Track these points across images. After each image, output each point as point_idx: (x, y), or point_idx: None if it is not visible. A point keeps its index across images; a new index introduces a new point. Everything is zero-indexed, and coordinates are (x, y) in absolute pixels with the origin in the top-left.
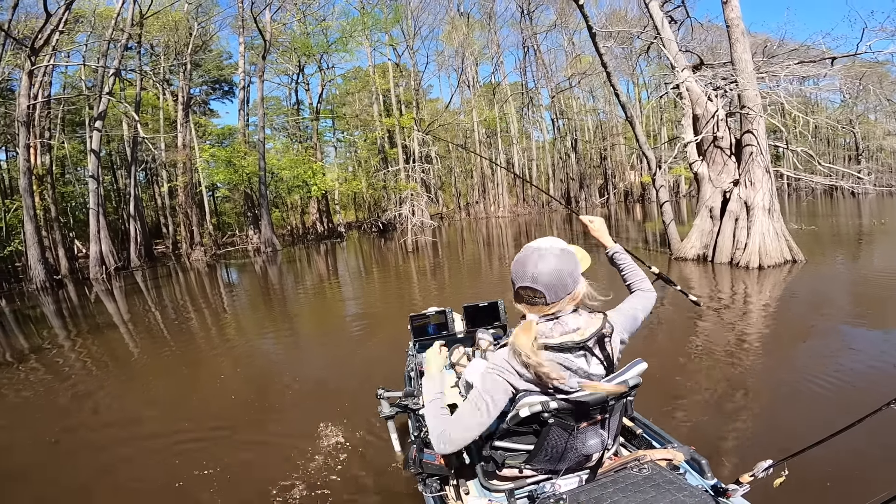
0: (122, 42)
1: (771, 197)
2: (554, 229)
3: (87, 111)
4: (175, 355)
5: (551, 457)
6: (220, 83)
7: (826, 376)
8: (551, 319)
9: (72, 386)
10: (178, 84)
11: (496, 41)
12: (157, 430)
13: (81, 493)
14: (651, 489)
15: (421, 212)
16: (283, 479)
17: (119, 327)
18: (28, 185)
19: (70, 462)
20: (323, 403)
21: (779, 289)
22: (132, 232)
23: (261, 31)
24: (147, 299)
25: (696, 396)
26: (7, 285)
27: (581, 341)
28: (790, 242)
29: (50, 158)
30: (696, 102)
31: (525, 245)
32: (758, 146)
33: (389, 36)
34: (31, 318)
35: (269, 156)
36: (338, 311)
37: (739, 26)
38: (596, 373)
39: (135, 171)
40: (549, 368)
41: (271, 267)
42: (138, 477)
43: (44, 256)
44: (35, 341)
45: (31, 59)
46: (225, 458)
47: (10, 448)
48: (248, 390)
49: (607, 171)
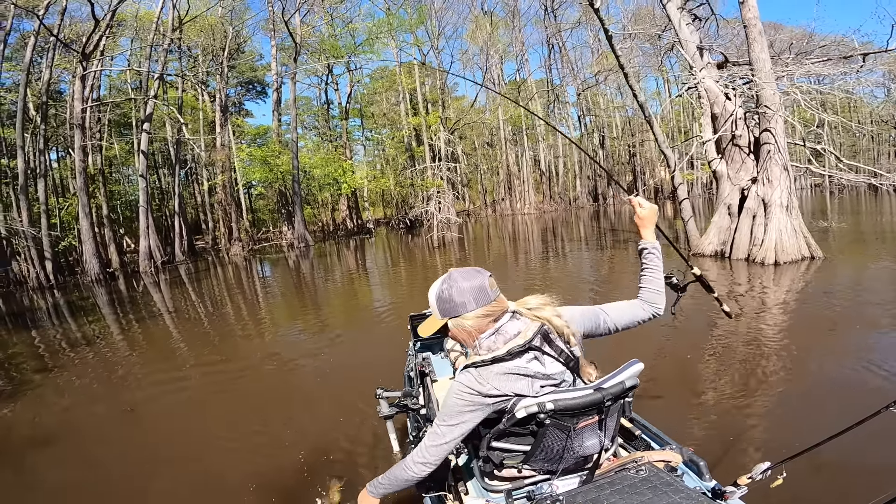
0: (163, 46)
1: (789, 194)
2: (581, 227)
3: (134, 113)
4: (227, 338)
5: (549, 457)
6: (253, 84)
7: (829, 377)
8: (493, 333)
9: (148, 361)
10: (215, 86)
11: (520, 39)
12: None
13: (156, 446)
14: (648, 491)
15: (447, 208)
16: (278, 477)
17: (173, 314)
18: (84, 184)
19: (144, 424)
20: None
21: (794, 284)
22: (176, 228)
23: (291, 34)
24: (196, 290)
25: (697, 397)
26: (63, 278)
27: (525, 343)
28: (808, 239)
29: (101, 159)
30: (715, 101)
31: (441, 281)
32: (775, 144)
33: (415, 36)
34: (97, 307)
35: (301, 154)
36: (366, 301)
37: (757, 26)
38: (553, 371)
39: (178, 170)
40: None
41: (304, 261)
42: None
43: (98, 251)
44: (107, 326)
45: (82, 64)
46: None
47: (91, 416)
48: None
49: (636, 168)
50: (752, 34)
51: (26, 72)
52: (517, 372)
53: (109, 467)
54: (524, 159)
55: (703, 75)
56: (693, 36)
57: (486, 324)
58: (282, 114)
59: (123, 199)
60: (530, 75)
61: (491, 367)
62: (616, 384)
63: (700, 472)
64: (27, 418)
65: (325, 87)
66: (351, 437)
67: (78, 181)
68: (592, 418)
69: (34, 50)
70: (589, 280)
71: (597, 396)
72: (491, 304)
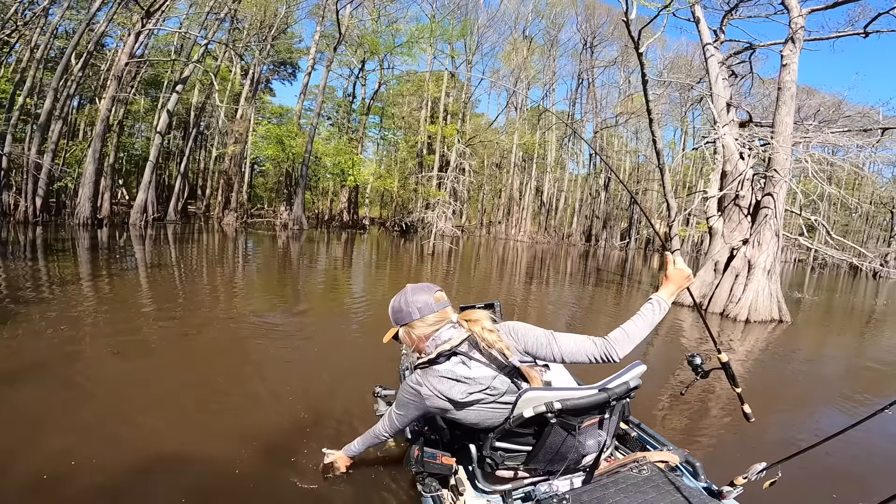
0: (220, 15)
1: (774, 260)
2: (569, 262)
3: (168, 74)
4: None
5: (549, 457)
6: (285, 64)
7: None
8: (432, 340)
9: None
10: (250, 60)
11: (553, 69)
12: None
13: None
14: (651, 490)
15: (446, 219)
16: (271, 475)
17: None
18: (102, 131)
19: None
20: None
21: (757, 342)
22: (176, 188)
23: (338, 23)
24: (190, 249)
25: (688, 403)
26: (49, 216)
27: (451, 348)
28: (781, 304)
29: (123, 111)
30: (728, 159)
31: (397, 296)
32: (773, 209)
33: (452, 47)
34: (72, 249)
35: (315, 141)
36: (344, 293)
37: (791, 90)
38: (479, 375)
39: (195, 134)
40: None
41: (294, 243)
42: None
43: (94, 196)
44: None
45: (143, 20)
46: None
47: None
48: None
49: (634, 216)
50: (783, 97)
51: (87, 22)
52: (449, 376)
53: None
54: (528, 187)
55: (724, 131)
56: (725, 91)
57: (431, 332)
58: (306, 98)
59: (129, 152)
60: (553, 105)
61: (430, 369)
62: (621, 384)
63: (696, 473)
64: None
65: (354, 81)
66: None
67: (97, 127)
68: (595, 418)
69: (102, 2)
70: (566, 312)
71: (602, 396)
72: (434, 314)
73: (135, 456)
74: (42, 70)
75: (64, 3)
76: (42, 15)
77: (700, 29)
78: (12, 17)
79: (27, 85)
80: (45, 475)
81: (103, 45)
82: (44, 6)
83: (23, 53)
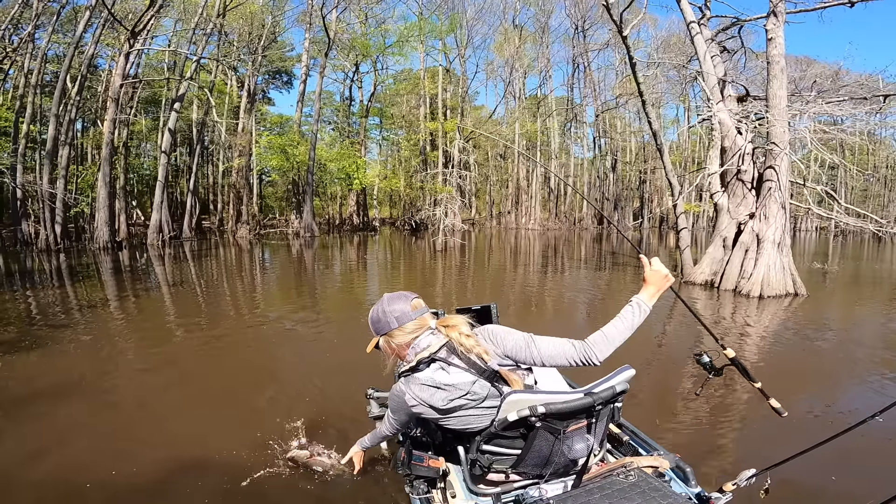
0: (206, 31)
1: (783, 232)
2: (582, 247)
3: (165, 92)
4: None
5: (538, 461)
6: (279, 73)
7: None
8: (411, 348)
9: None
10: (245, 72)
11: (547, 55)
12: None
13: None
14: (637, 496)
15: (454, 214)
16: (264, 473)
17: (179, 287)
18: (108, 154)
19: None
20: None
21: (773, 317)
22: (188, 206)
23: (326, 29)
24: (209, 265)
25: (683, 405)
26: (70, 242)
27: (429, 355)
28: (794, 276)
29: (126, 133)
30: (726, 135)
31: (377, 304)
32: (777, 182)
33: (443, 43)
34: (112, 272)
35: (318, 147)
36: (360, 294)
37: (780, 63)
38: (458, 381)
39: (199, 150)
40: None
41: (307, 250)
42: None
43: (110, 220)
44: (122, 291)
45: (129, 41)
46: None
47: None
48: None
49: (644, 195)
50: (773, 70)
51: (75, 45)
52: (429, 384)
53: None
54: (534, 175)
55: (718, 108)
56: (719, 68)
57: (410, 340)
58: (304, 105)
59: (139, 173)
60: (552, 92)
61: (412, 377)
62: (607, 388)
63: (686, 479)
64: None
65: (349, 84)
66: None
67: (103, 151)
68: (582, 422)
69: (85, 22)
70: (582, 298)
71: (587, 401)
72: (412, 321)
73: (162, 459)
74: (40, 95)
75: (49, 28)
76: (28, 40)
77: (682, 7)
78: (3, 45)
79: (28, 111)
80: (83, 476)
81: (95, 66)
82: (28, 31)
83: (18, 80)
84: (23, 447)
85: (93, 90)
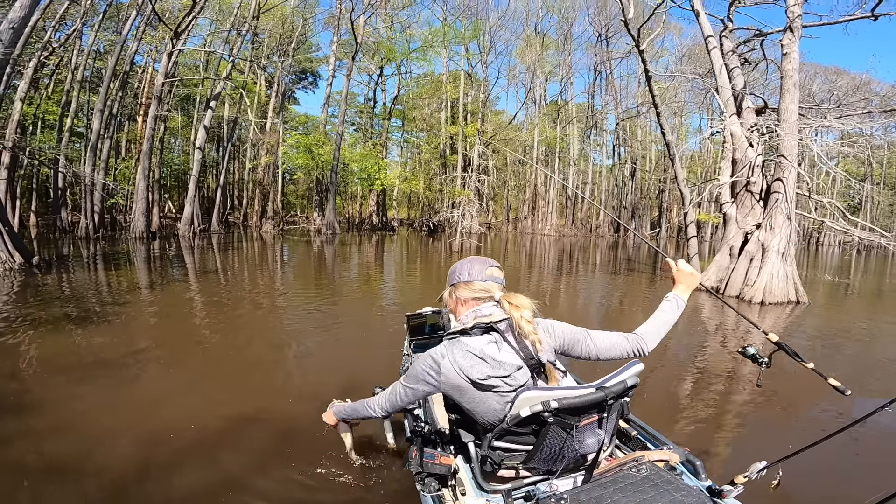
0: (243, 32)
1: (787, 242)
2: (598, 254)
3: (199, 90)
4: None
5: (549, 457)
6: (305, 74)
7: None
8: (473, 311)
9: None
10: (272, 70)
11: (568, 63)
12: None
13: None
14: (650, 489)
15: (471, 217)
16: (270, 472)
17: (219, 273)
18: (148, 150)
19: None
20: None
21: (774, 321)
22: (217, 200)
23: (354, 34)
24: (238, 256)
25: (692, 399)
26: (106, 231)
27: (489, 323)
28: (797, 286)
29: (164, 129)
30: (738, 147)
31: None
32: (784, 194)
33: (466, 48)
34: (159, 258)
35: (342, 148)
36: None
37: (793, 78)
38: (505, 360)
39: (229, 147)
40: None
41: (329, 246)
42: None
43: (147, 211)
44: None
45: (173, 41)
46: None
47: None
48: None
49: (663, 204)
50: (786, 85)
51: (121, 44)
52: (475, 353)
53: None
54: (552, 182)
55: (731, 121)
56: (738, 80)
57: (472, 300)
58: (329, 105)
59: (171, 167)
60: (572, 98)
61: (459, 340)
62: (618, 383)
63: (696, 472)
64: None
65: (374, 87)
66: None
67: (143, 146)
68: (593, 417)
69: (131, 23)
70: (595, 301)
71: (599, 395)
72: (482, 283)
73: (227, 414)
74: (85, 91)
75: (94, 25)
76: (76, 37)
77: (700, 22)
78: (49, 41)
79: (72, 107)
80: (169, 424)
81: (133, 62)
82: (76, 27)
83: (63, 74)
84: (135, 393)
85: (130, 85)
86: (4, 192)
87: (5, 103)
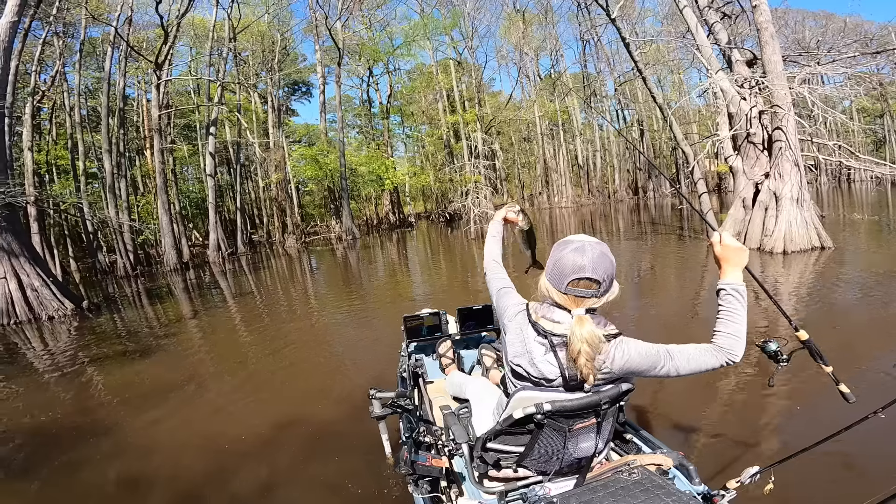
0: (221, 54)
1: (800, 188)
2: (619, 220)
3: (197, 117)
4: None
5: (543, 458)
6: (298, 85)
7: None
8: (548, 305)
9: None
10: (264, 87)
11: (554, 35)
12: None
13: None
14: (641, 494)
15: (485, 201)
16: (270, 472)
17: (258, 296)
18: (163, 183)
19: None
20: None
21: (803, 271)
22: (238, 222)
23: (334, 39)
24: (268, 275)
25: (687, 402)
26: (143, 267)
27: (546, 331)
28: (819, 231)
29: (172, 160)
30: (730, 101)
31: (567, 239)
32: (786, 141)
33: (450, 37)
34: (197, 288)
35: (346, 152)
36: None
37: (769, 29)
38: (543, 368)
39: (239, 169)
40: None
41: (351, 252)
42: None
43: (175, 244)
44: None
45: (156, 73)
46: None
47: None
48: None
49: (678, 161)
50: (764, 37)
51: (108, 81)
52: (525, 335)
53: None
54: (561, 153)
55: (719, 77)
56: (722, 34)
57: (547, 297)
58: (326, 112)
59: (188, 196)
60: (566, 70)
61: (524, 315)
62: (613, 387)
63: (690, 477)
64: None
65: (366, 88)
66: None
67: (158, 181)
68: (589, 421)
69: (111, 60)
70: (625, 271)
71: (594, 399)
72: (557, 291)
73: (283, 414)
74: (87, 131)
75: (75, 63)
76: (62, 78)
77: None
78: (37, 85)
79: (80, 149)
80: (237, 428)
81: (126, 96)
82: (57, 68)
83: (62, 118)
84: (197, 411)
85: (130, 120)
86: (40, 244)
87: (15, 153)
